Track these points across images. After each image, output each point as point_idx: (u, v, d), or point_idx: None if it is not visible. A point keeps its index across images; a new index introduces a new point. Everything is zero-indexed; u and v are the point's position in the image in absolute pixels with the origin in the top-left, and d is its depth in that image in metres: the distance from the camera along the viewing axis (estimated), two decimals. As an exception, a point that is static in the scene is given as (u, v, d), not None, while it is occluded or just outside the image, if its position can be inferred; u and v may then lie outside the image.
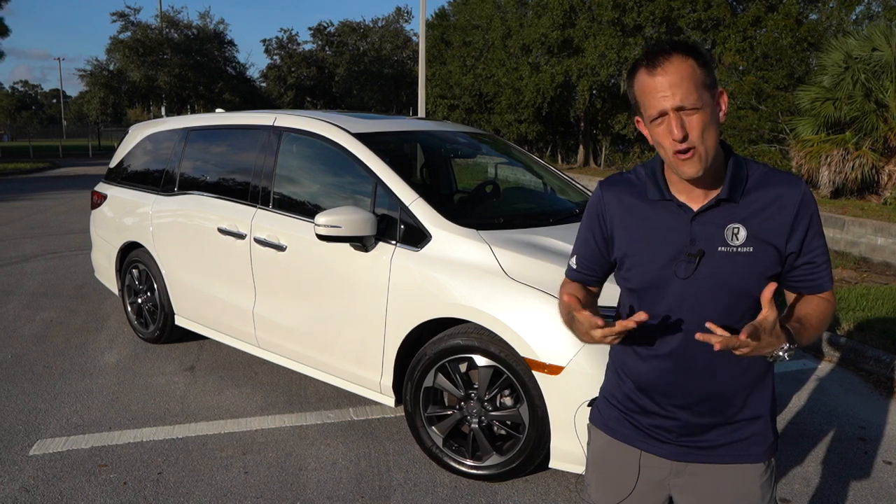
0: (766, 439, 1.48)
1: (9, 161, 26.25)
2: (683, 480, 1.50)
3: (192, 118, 4.78)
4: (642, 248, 1.43)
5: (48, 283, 6.46)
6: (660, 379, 1.46)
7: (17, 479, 2.97)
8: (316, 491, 2.91)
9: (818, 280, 1.41)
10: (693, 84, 1.26)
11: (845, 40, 11.40)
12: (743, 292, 1.37)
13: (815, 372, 4.39)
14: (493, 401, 2.93)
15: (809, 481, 3.05)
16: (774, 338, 1.24)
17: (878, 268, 7.52)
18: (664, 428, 1.48)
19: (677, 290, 1.39)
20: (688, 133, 1.27)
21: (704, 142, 1.28)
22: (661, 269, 1.40)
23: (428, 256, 3.06)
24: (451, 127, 4.60)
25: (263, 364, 4.37)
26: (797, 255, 1.38)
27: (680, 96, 1.26)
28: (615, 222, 1.48)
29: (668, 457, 1.49)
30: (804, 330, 1.36)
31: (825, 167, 10.82)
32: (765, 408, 1.48)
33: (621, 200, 1.47)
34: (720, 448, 1.46)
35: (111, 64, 32.11)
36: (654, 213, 1.42)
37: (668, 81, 1.26)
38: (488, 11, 24.29)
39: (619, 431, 1.54)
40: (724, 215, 1.36)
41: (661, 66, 1.27)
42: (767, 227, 1.35)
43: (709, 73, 1.30)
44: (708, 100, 1.28)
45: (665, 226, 1.40)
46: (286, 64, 37.14)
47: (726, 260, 1.36)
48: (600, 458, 1.59)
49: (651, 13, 18.31)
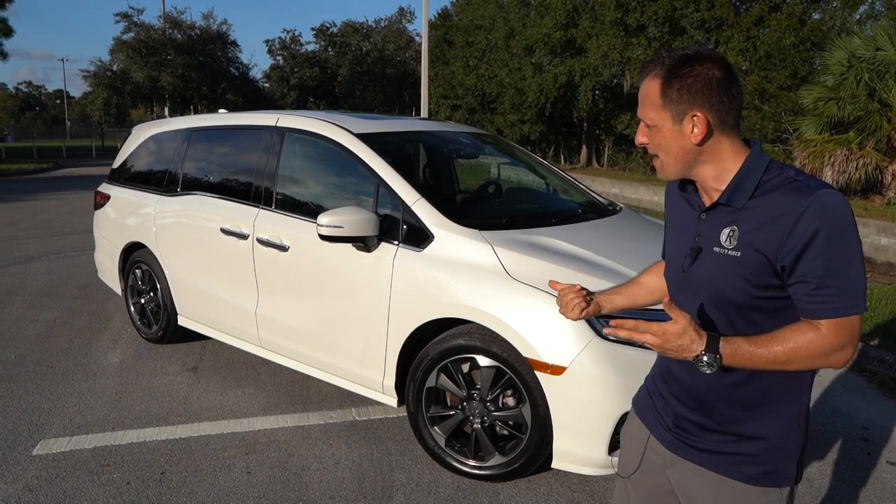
0: (766, 466, 1.41)
1: (12, 161, 26.33)
2: (677, 474, 1.53)
3: (195, 119, 4.79)
4: (670, 238, 1.58)
5: (52, 284, 6.48)
6: (666, 365, 1.55)
7: (20, 479, 2.97)
8: (318, 491, 2.91)
9: (812, 303, 1.28)
10: (650, 104, 1.38)
11: (849, 40, 11.37)
12: (723, 296, 1.37)
13: (819, 372, 4.39)
14: (496, 401, 2.93)
15: (813, 482, 3.04)
16: (687, 341, 1.28)
17: (882, 268, 7.50)
18: (668, 414, 1.55)
19: (681, 283, 1.48)
20: (647, 143, 1.43)
21: (663, 153, 1.41)
22: (675, 260, 1.51)
23: (430, 257, 3.06)
24: (454, 127, 4.60)
25: (266, 364, 4.37)
26: (792, 269, 1.27)
27: (641, 112, 1.41)
28: (667, 212, 1.64)
29: (663, 443, 1.55)
30: (750, 348, 1.29)
31: (828, 167, 10.80)
32: (768, 431, 1.41)
33: (672, 192, 1.60)
34: (710, 453, 1.46)
35: (114, 65, 32.18)
36: (683, 206, 1.53)
37: (641, 95, 1.41)
38: (491, 11, 24.30)
39: (641, 410, 1.65)
40: (727, 217, 1.38)
41: (642, 79, 1.41)
42: (760, 234, 1.31)
43: (678, 97, 1.34)
44: (665, 121, 1.38)
45: (684, 220, 1.51)
46: (289, 64, 37.20)
47: (716, 261, 1.38)
48: (627, 432, 1.71)
49: (654, 13, 18.29)
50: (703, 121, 1.34)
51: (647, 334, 1.29)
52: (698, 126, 1.34)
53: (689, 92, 1.33)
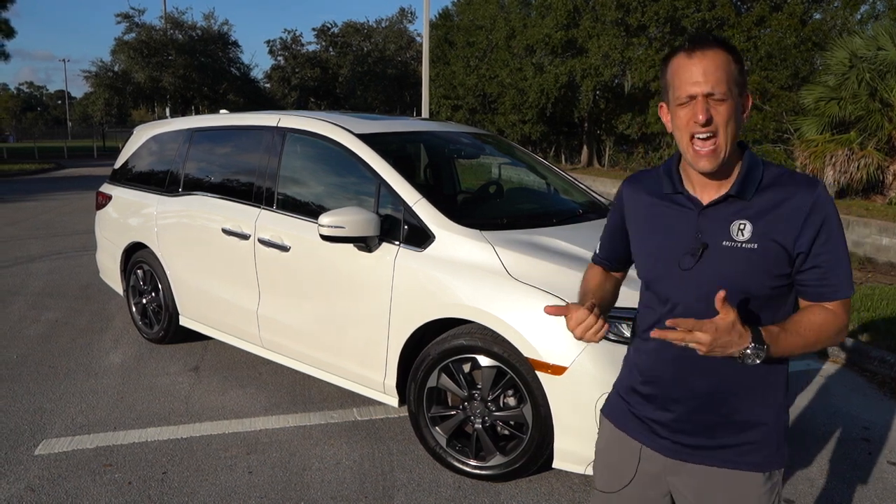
0: (768, 449, 1.45)
1: (14, 162, 26.36)
2: (680, 480, 1.51)
3: (196, 119, 4.79)
4: (651, 239, 1.50)
5: (53, 284, 6.48)
6: (662, 371, 1.48)
7: (22, 479, 2.98)
8: (319, 491, 2.92)
9: (825, 287, 1.37)
10: (726, 75, 1.32)
11: (850, 39, 11.36)
12: (742, 289, 1.37)
13: (820, 372, 4.38)
14: (497, 401, 2.94)
15: (814, 482, 3.05)
16: (735, 337, 1.25)
17: (883, 268, 7.49)
18: (661, 422, 1.50)
19: (681, 283, 1.43)
20: (712, 118, 1.32)
21: (726, 132, 1.33)
22: (667, 260, 1.45)
23: (431, 257, 3.06)
24: (455, 127, 4.60)
25: (267, 364, 4.38)
26: (806, 256, 1.35)
27: (712, 83, 1.31)
28: (630, 216, 1.57)
29: (662, 452, 1.51)
30: (786, 335, 1.32)
31: (830, 167, 10.79)
32: (769, 416, 1.45)
33: (638, 196, 1.55)
34: (714, 450, 1.45)
35: (116, 65, 32.19)
36: (666, 206, 1.48)
37: (704, 68, 1.32)
38: (492, 12, 24.29)
39: (622, 422, 1.59)
40: (733, 211, 1.38)
41: (700, 52, 1.33)
42: (776, 226, 1.35)
43: (741, 71, 1.35)
44: (736, 95, 1.34)
45: (674, 218, 1.46)
46: (290, 65, 37.19)
47: (729, 255, 1.37)
48: (605, 447, 1.65)
49: (655, 13, 18.27)
50: (751, 101, 1.39)
51: (699, 333, 1.24)
52: (748, 106, 1.38)
53: (746, 72, 1.37)
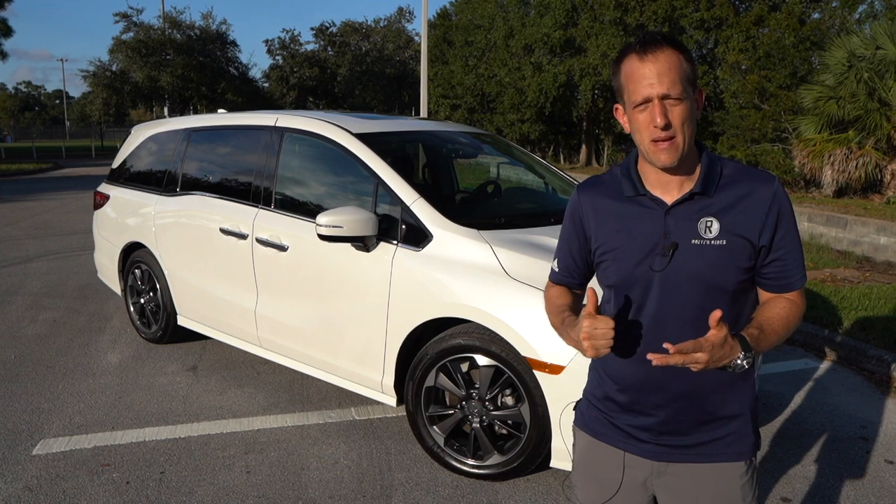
0: (746, 438, 1.48)
1: (12, 162, 26.34)
2: (665, 480, 1.50)
3: (194, 119, 4.79)
4: (618, 243, 1.46)
5: (51, 284, 6.48)
6: (638, 376, 1.45)
7: (20, 479, 2.98)
8: (318, 490, 2.92)
9: (787, 279, 1.43)
10: (679, 76, 1.32)
11: (849, 39, 11.36)
12: (716, 285, 1.39)
13: (817, 371, 4.39)
14: (495, 400, 2.94)
15: (810, 480, 3.05)
16: (728, 349, 1.28)
17: (881, 267, 7.50)
18: (643, 427, 1.48)
19: (653, 285, 1.41)
20: (670, 121, 1.32)
21: (684, 132, 1.34)
22: (636, 263, 1.42)
23: (429, 256, 3.07)
24: (453, 127, 4.60)
25: (266, 364, 4.38)
26: (768, 250, 1.40)
27: (667, 85, 1.31)
28: (591, 223, 1.51)
29: (648, 457, 1.49)
30: (764, 336, 1.37)
31: (828, 166, 10.80)
32: (744, 406, 1.48)
33: (596, 202, 1.51)
34: (699, 447, 1.47)
35: (114, 65, 32.19)
36: (629, 209, 1.45)
37: (657, 70, 1.31)
38: (490, 11, 24.29)
39: (601, 432, 1.55)
40: (698, 209, 1.39)
41: (652, 55, 1.32)
42: (740, 220, 1.38)
43: (693, 69, 1.36)
44: (690, 93, 1.34)
45: (640, 220, 1.43)
46: (288, 64, 37.16)
47: (699, 252, 1.38)
48: (584, 460, 1.61)
49: (654, 12, 18.28)
50: (703, 96, 1.40)
51: (698, 353, 1.25)
52: (701, 101, 1.39)
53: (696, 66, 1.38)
